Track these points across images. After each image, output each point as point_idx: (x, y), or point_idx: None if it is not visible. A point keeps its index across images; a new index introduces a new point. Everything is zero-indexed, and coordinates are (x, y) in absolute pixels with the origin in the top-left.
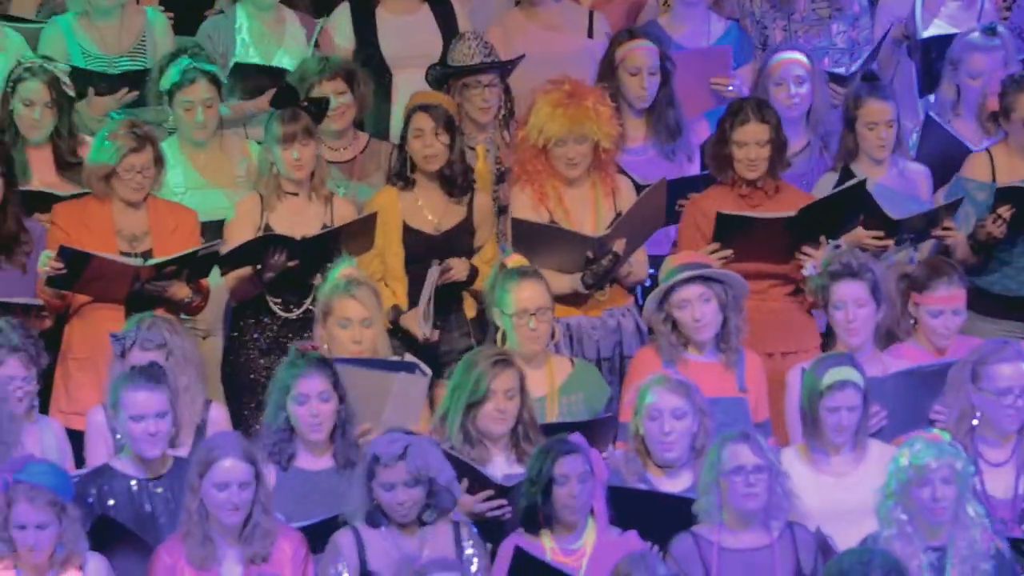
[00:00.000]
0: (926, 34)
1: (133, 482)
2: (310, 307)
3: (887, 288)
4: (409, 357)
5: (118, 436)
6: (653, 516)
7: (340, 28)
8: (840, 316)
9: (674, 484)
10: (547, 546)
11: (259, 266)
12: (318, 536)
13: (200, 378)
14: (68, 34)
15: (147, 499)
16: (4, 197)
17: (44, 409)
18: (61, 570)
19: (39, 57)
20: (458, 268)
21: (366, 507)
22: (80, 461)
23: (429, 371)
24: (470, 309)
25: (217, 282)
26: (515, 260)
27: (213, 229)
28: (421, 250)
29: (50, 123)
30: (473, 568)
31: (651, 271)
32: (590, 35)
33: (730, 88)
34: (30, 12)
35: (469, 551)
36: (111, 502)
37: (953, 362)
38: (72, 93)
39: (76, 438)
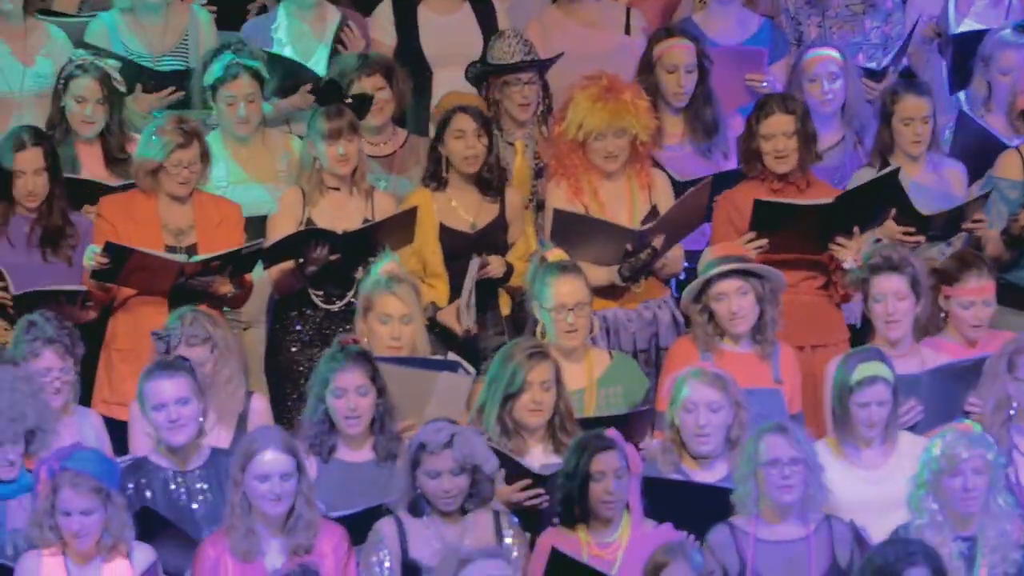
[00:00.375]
0: (958, 31)
1: (170, 475)
2: (352, 300)
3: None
4: (452, 356)
5: (149, 432)
6: (688, 506)
7: (381, 23)
8: (880, 309)
9: (709, 475)
10: (583, 539)
11: (301, 260)
12: (359, 526)
13: (242, 369)
14: (112, 31)
15: (184, 491)
16: (50, 192)
17: (87, 399)
18: (108, 557)
19: (90, 53)
20: (495, 265)
21: (409, 496)
22: (121, 452)
23: (473, 370)
24: (505, 306)
25: (260, 274)
26: (555, 254)
27: (255, 225)
28: (458, 248)
29: (102, 119)
30: (513, 556)
31: (687, 264)
32: (627, 31)
33: (764, 84)
34: (71, 7)
35: (509, 539)
36: (148, 494)
37: (986, 357)
38: (123, 89)
39: (118, 428)
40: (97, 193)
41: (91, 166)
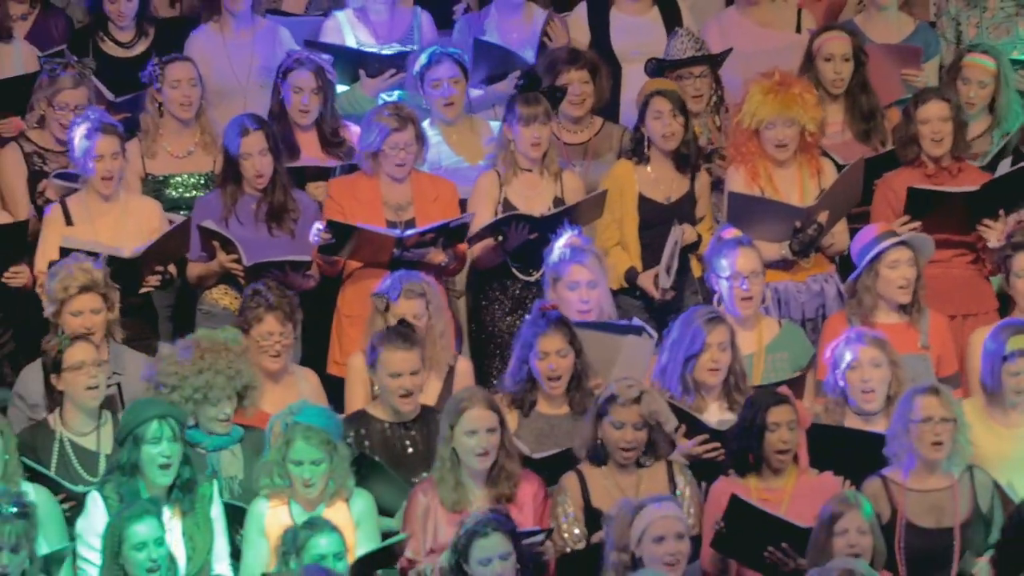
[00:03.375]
0: None
1: (386, 426)
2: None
3: None
4: (637, 320)
5: (375, 388)
6: (848, 453)
7: (577, 23)
8: (1021, 285)
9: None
10: (752, 486)
11: (501, 238)
12: (551, 469)
13: (452, 328)
14: (345, 25)
15: (398, 442)
16: (274, 172)
17: (322, 361)
18: (329, 503)
19: (305, 48)
20: (689, 232)
21: (591, 443)
22: (338, 403)
23: (655, 334)
24: (697, 269)
25: None
26: (731, 233)
27: (464, 204)
28: (653, 218)
29: (316, 108)
30: (685, 502)
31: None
32: (798, 30)
33: (919, 79)
34: (299, 8)
35: (681, 486)
36: (367, 443)
37: None
38: (335, 79)
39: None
40: (316, 173)
41: (309, 150)
